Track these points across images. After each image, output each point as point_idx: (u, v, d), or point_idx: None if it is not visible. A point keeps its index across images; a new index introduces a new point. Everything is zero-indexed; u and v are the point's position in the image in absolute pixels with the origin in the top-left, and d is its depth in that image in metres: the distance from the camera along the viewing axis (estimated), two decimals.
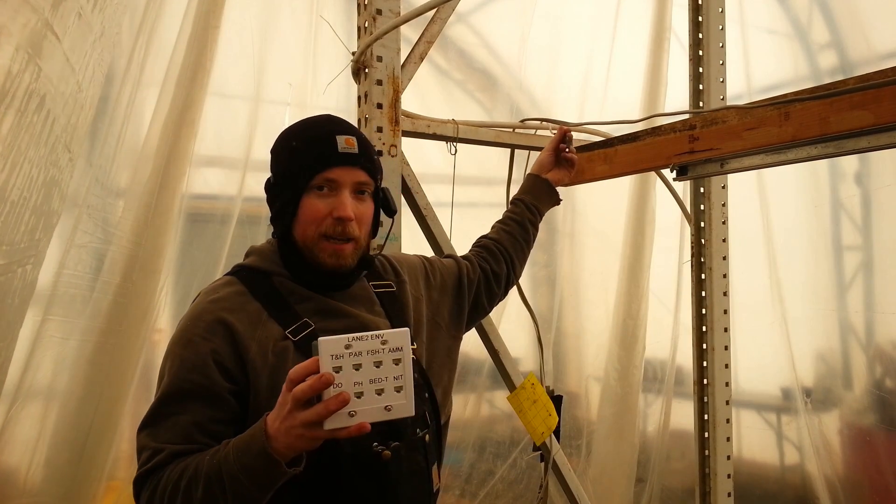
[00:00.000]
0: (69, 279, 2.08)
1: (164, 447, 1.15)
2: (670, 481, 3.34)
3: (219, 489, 1.07)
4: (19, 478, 2.03)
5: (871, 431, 3.09)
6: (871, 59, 3.08)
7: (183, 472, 1.11)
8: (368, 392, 1.03)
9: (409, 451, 1.26)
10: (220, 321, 1.21)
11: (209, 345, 1.19)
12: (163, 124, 2.21)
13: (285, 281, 1.29)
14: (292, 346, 1.22)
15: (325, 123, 1.32)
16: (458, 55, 3.08)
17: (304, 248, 1.27)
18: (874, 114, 1.41)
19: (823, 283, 3.27)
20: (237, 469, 1.05)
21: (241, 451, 1.07)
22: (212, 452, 1.11)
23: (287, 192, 1.27)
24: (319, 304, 1.29)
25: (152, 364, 2.34)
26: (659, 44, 3.17)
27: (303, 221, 1.26)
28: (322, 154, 1.26)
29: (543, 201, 1.85)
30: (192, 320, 1.23)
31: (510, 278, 1.75)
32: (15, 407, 1.99)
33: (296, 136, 1.32)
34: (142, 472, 1.15)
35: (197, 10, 2.24)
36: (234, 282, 1.29)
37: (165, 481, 1.12)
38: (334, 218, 1.25)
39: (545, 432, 1.98)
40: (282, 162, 1.31)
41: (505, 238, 1.75)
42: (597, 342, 3.31)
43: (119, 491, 2.25)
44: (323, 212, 1.25)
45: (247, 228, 2.46)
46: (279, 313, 1.25)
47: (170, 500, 1.11)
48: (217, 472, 1.07)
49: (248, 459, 1.05)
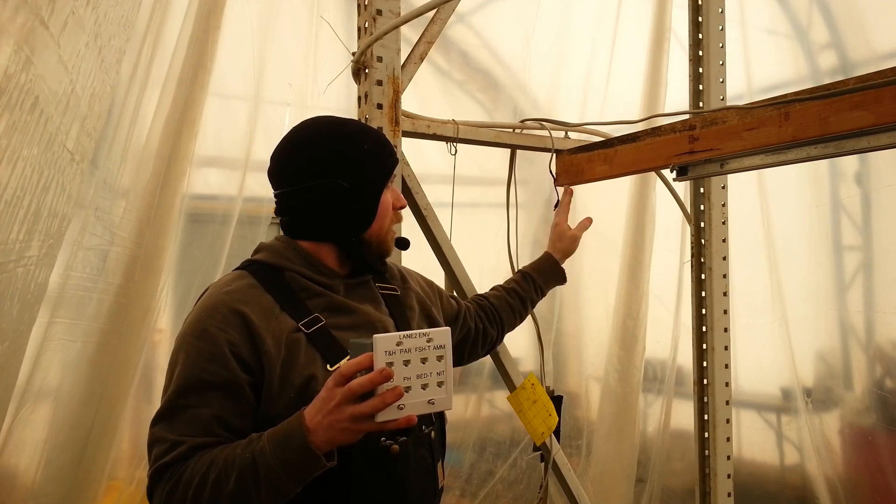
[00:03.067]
0: (77, 281, 2.08)
1: (184, 440, 1.14)
2: (670, 481, 3.34)
3: (252, 482, 1.08)
4: (26, 480, 2.03)
5: (871, 431, 3.09)
6: (872, 59, 3.08)
7: (211, 464, 1.11)
8: (415, 386, 1.09)
9: (416, 447, 1.29)
10: (236, 312, 1.21)
11: (225, 335, 1.19)
12: (164, 125, 2.22)
13: (297, 277, 1.31)
14: (304, 338, 1.24)
15: (361, 124, 1.43)
16: (459, 55, 3.08)
17: (378, 241, 1.37)
18: (874, 114, 1.41)
19: (823, 283, 3.27)
20: (275, 462, 1.07)
21: (278, 444, 1.08)
22: (243, 445, 1.11)
23: (371, 192, 1.35)
24: (330, 300, 1.31)
25: (153, 365, 2.34)
26: (659, 44, 3.17)
27: (380, 217, 1.36)
28: (393, 152, 1.40)
29: (551, 283, 1.98)
30: (207, 311, 1.22)
31: (493, 345, 1.87)
32: (23, 410, 1.99)
33: (361, 139, 1.36)
34: (160, 465, 1.14)
35: (198, 10, 2.25)
36: (245, 275, 1.30)
37: (190, 473, 1.11)
38: (397, 208, 1.41)
39: (545, 432, 1.98)
40: (358, 166, 1.33)
41: (504, 308, 1.85)
42: (597, 342, 3.31)
43: (119, 491, 2.25)
44: (391, 204, 1.39)
45: (247, 228, 2.46)
46: (291, 307, 1.26)
47: (195, 493, 1.10)
48: (251, 464, 1.08)
49: (288, 453, 1.07)
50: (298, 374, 1.21)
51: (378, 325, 1.34)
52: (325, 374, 1.22)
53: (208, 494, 1.09)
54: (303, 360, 1.22)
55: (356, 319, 1.32)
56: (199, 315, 1.23)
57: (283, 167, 1.35)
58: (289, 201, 1.34)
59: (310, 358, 1.23)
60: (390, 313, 1.41)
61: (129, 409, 2.26)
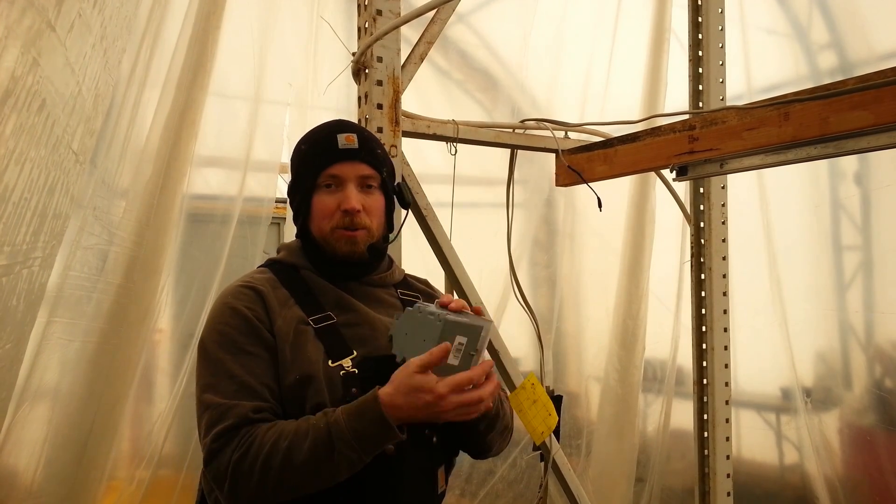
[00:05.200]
0: (75, 281, 2.08)
1: (238, 403, 1.19)
2: (670, 481, 3.34)
3: (325, 451, 1.14)
4: (25, 479, 2.03)
5: (870, 431, 3.09)
6: (871, 59, 3.07)
7: (280, 434, 1.16)
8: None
9: (415, 449, 1.28)
10: (257, 292, 1.31)
11: (252, 311, 1.28)
12: (164, 125, 2.22)
13: (310, 274, 1.38)
14: (312, 331, 1.28)
15: (329, 125, 1.43)
16: (459, 56, 3.08)
17: (322, 242, 1.37)
18: (874, 114, 1.41)
19: (823, 283, 3.26)
20: (350, 433, 1.14)
21: (353, 415, 1.15)
22: (315, 417, 1.18)
23: (301, 191, 1.38)
24: (336, 296, 1.36)
25: (153, 365, 2.34)
26: (659, 44, 3.16)
27: (317, 217, 1.36)
28: (324, 152, 1.37)
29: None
30: (232, 295, 1.31)
31: None
32: (22, 409, 1.99)
33: (304, 140, 1.43)
34: (221, 429, 1.18)
35: (198, 10, 2.25)
36: (265, 271, 1.39)
37: (260, 442, 1.16)
38: (342, 211, 1.34)
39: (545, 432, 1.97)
40: (294, 165, 1.43)
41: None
42: (597, 342, 3.30)
43: (119, 491, 2.25)
44: (332, 206, 1.35)
45: (247, 229, 2.46)
46: (305, 301, 1.33)
47: (265, 461, 1.14)
48: (326, 435, 1.14)
49: (364, 424, 1.14)
50: (304, 358, 1.26)
51: (376, 323, 1.35)
52: (327, 369, 1.25)
53: (279, 463, 1.14)
54: (309, 350, 1.27)
55: (361, 318, 1.34)
56: (224, 299, 1.31)
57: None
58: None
59: (315, 348, 1.27)
60: None
61: (129, 409, 2.26)
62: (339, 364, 1.25)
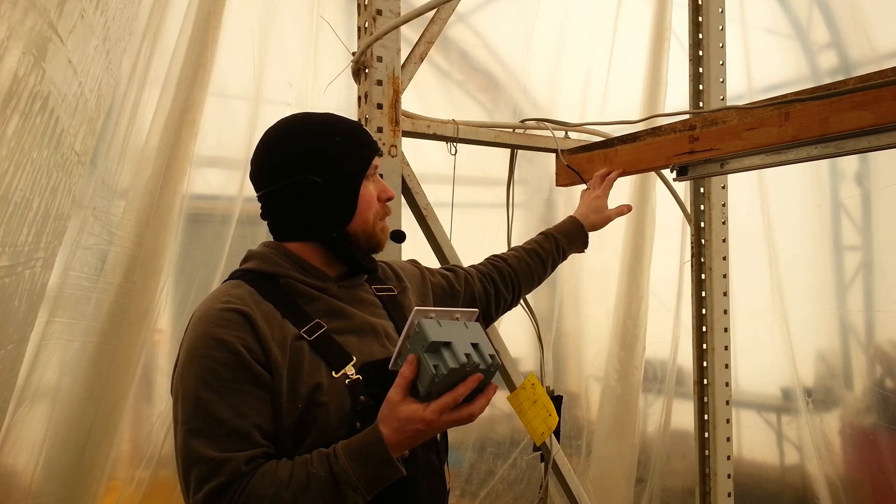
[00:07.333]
0: (75, 281, 2.08)
1: (230, 456, 1.10)
2: (670, 481, 3.34)
3: (333, 500, 1.10)
4: (24, 479, 2.03)
5: (871, 431, 3.09)
6: (872, 59, 3.07)
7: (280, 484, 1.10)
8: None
9: (424, 450, 1.27)
10: (243, 314, 1.17)
11: (241, 342, 1.15)
12: (163, 125, 2.22)
13: (293, 283, 1.27)
14: (307, 346, 1.21)
15: (341, 118, 1.35)
16: (459, 56, 3.08)
17: (363, 235, 1.31)
18: (874, 114, 1.41)
19: (824, 283, 3.27)
20: (359, 480, 1.10)
21: (359, 460, 1.11)
22: (315, 463, 1.12)
23: (347, 186, 1.29)
24: (327, 304, 1.28)
25: (152, 365, 2.34)
26: (659, 44, 3.17)
27: (363, 210, 1.30)
28: (370, 142, 1.33)
29: (575, 247, 1.91)
30: (213, 321, 1.17)
31: (509, 306, 1.80)
32: (21, 409, 1.99)
33: (332, 132, 1.30)
34: (213, 488, 1.09)
35: (198, 10, 2.25)
36: (241, 284, 1.26)
37: (258, 494, 1.09)
38: (384, 200, 1.33)
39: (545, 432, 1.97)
40: (330, 159, 1.28)
41: (522, 270, 1.77)
42: (597, 342, 3.30)
43: (119, 491, 2.25)
44: (375, 196, 1.32)
45: (247, 229, 2.46)
46: (291, 314, 1.23)
47: None
48: (332, 483, 1.10)
49: (370, 468, 1.11)
50: (304, 383, 1.18)
51: (377, 327, 1.32)
52: (331, 381, 1.19)
53: None
54: (307, 369, 1.19)
55: (352, 323, 1.29)
56: (204, 327, 1.17)
57: (259, 169, 1.32)
58: (267, 203, 1.31)
59: (314, 366, 1.20)
60: (389, 315, 1.37)
61: (129, 409, 2.26)
62: (343, 373, 1.20)
